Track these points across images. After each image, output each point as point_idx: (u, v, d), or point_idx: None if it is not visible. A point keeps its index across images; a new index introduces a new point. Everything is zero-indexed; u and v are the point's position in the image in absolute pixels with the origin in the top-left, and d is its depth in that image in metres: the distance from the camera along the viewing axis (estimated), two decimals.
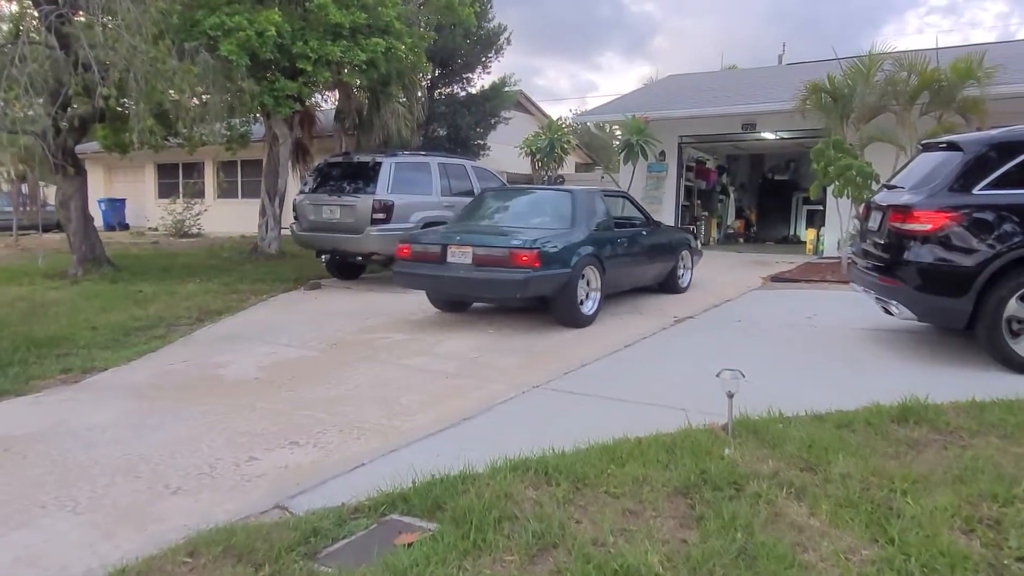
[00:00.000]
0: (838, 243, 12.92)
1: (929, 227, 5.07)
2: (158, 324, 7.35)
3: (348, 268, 10.50)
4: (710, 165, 18.13)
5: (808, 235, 14.54)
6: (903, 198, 5.36)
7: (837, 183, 9.96)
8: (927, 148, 6.02)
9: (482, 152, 17.21)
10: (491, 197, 8.71)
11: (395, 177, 9.40)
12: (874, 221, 5.91)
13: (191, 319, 7.71)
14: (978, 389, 4.59)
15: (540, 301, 7.13)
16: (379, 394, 4.92)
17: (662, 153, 15.41)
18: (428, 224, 9.67)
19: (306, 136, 14.07)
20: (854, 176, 9.73)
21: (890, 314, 5.49)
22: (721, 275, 11.44)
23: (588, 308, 7.19)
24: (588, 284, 7.22)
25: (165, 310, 8.06)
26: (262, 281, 10.16)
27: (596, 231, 7.54)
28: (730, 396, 3.85)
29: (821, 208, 16.67)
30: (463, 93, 16.62)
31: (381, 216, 9.12)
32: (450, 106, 16.32)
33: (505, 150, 18.89)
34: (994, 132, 5.16)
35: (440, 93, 16.61)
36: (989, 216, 4.92)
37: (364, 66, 9.92)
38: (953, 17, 79.20)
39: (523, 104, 22.09)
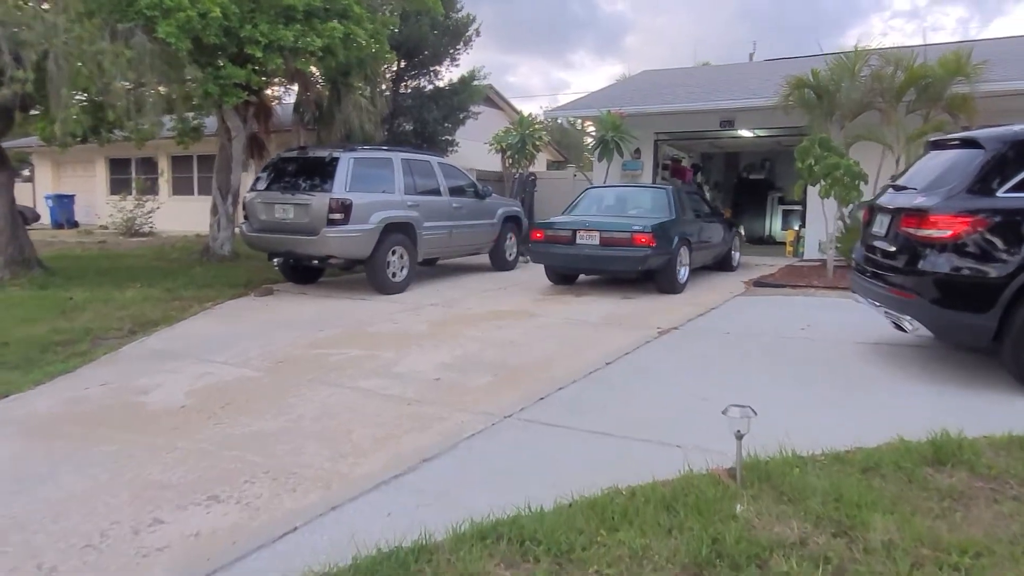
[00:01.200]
0: (819, 245, 12.49)
1: (949, 233, 4.52)
2: (83, 338, 6.53)
3: (304, 272, 9.73)
4: (685, 163, 17.66)
5: (788, 236, 14.09)
6: (916, 200, 4.80)
7: (823, 183, 9.46)
8: (937, 145, 5.48)
9: (450, 148, 16.49)
10: (594, 192, 10.84)
11: (354, 174, 8.65)
12: (880, 225, 5.36)
13: (122, 332, 6.89)
14: (1009, 419, 4.06)
15: (646, 274, 9.01)
16: (325, 427, 4.22)
17: (637, 150, 14.85)
18: (391, 226, 8.98)
19: (262, 130, 13.21)
20: (841, 176, 9.24)
21: (902, 330, 4.93)
22: (701, 278, 10.90)
23: (682, 278, 9.30)
24: (682, 261, 9.27)
25: (95, 321, 7.22)
26: (210, 286, 9.33)
27: (685, 219, 9.68)
28: (739, 437, 3.23)
29: (798, 208, 16.30)
30: (430, 86, 15.87)
31: (338, 216, 8.38)
32: (417, 100, 15.56)
33: (474, 146, 18.18)
34: (1018, 128, 4.62)
35: (406, 86, 15.84)
36: (1017, 221, 4.38)
37: (320, 53, 9.14)
38: (916, 21, 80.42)
39: (493, 99, 21.39)
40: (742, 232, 12.15)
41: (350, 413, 4.46)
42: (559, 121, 36.77)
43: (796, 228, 14.52)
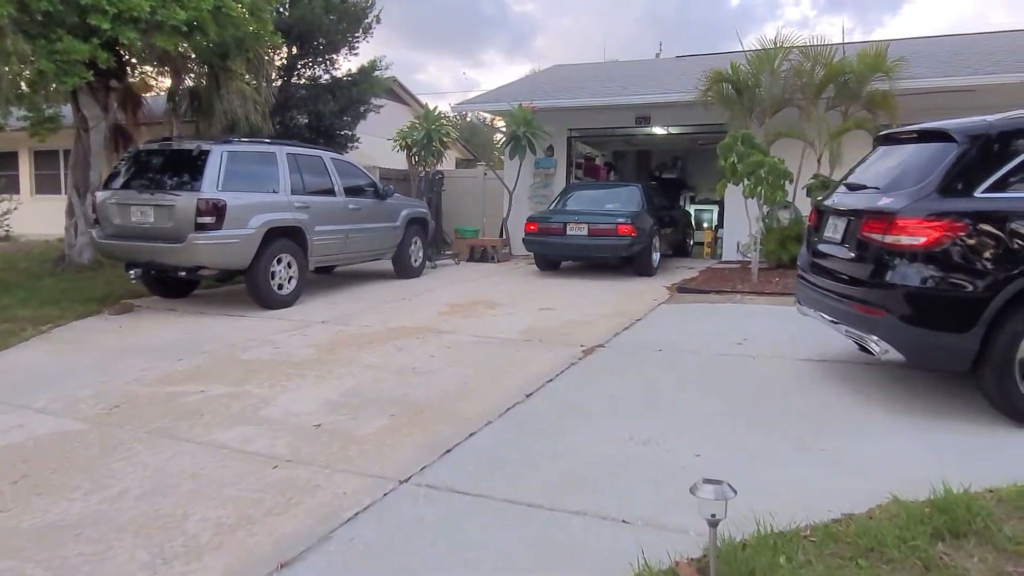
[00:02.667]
0: (738, 246, 12.10)
1: (921, 241, 3.87)
2: None
3: (173, 284, 8.36)
4: (599, 161, 17.10)
5: (705, 237, 13.68)
6: (881, 202, 4.14)
7: (747, 182, 8.94)
8: (890, 139, 4.88)
9: (350, 144, 15.21)
10: (576, 189, 12.49)
11: (228, 170, 7.40)
12: (834, 230, 4.70)
13: None
14: (1001, 458, 3.45)
15: (626, 260, 10.49)
16: (154, 509, 3.11)
17: (550, 148, 14.11)
18: (275, 230, 7.78)
19: (129, 120, 11.61)
20: (766, 175, 8.73)
21: (866, 351, 4.26)
22: (621, 282, 10.23)
23: (655, 261, 10.88)
24: (655, 247, 10.83)
25: None
26: (56, 303, 7.84)
27: (655, 212, 11.27)
28: (713, 525, 2.38)
29: (713, 207, 16.04)
30: (327, 76, 14.56)
31: (208, 220, 7.12)
32: (312, 91, 14.22)
33: (377, 143, 16.97)
34: (993, 118, 4.04)
35: (299, 75, 14.45)
36: (1001, 226, 3.76)
37: (186, 28, 7.80)
38: (806, 31, 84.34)
39: (397, 93, 20.18)
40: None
41: (193, 484, 3.36)
42: (468, 118, 35.84)
43: (713, 228, 14.17)
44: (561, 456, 3.68)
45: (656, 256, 10.91)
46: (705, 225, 15.77)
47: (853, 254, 4.36)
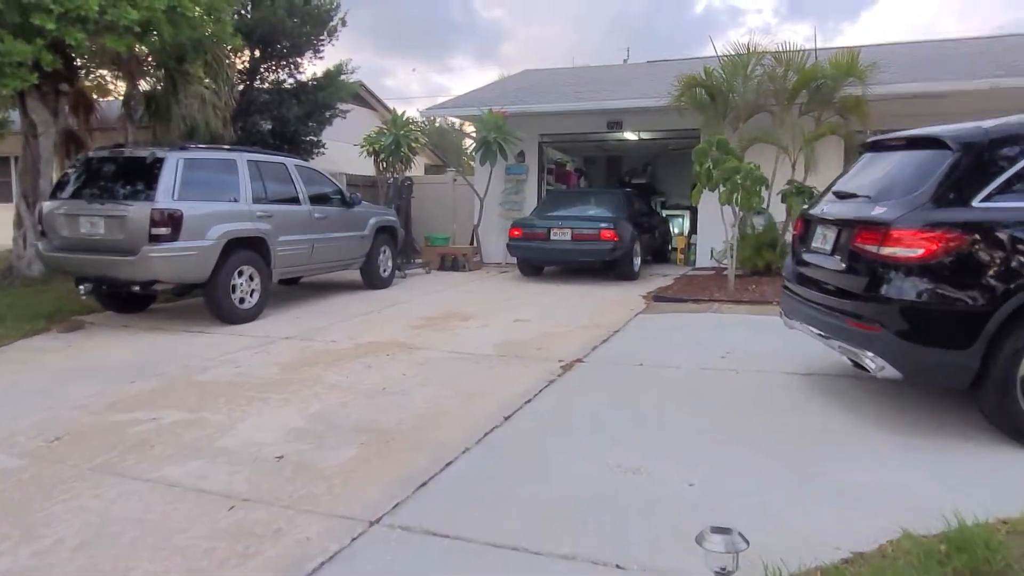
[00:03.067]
0: (712, 253, 11.99)
1: (919, 253, 3.69)
2: None
3: (128, 299, 7.92)
4: (570, 167, 16.93)
5: (678, 243, 13.56)
6: (874, 212, 3.96)
7: (723, 188, 8.79)
8: (878, 146, 4.73)
9: (316, 150, 14.83)
10: (559, 195, 13.08)
11: (185, 178, 7.01)
12: (823, 240, 4.51)
13: None
14: (1007, 480, 3.28)
15: (608, 264, 10.70)
16: (92, 565, 2.77)
17: (521, 154, 13.87)
18: (236, 241, 7.41)
19: (82, 126, 11.10)
20: (742, 181, 8.59)
21: (861, 369, 4.07)
22: (597, 290, 10.03)
23: (636, 266, 11.14)
24: (636, 252, 11.06)
25: None
26: (0, 320, 7.36)
27: (636, 217, 11.57)
28: None
29: (684, 213, 15.96)
30: (291, 81, 14.15)
31: (164, 231, 6.72)
32: (275, 96, 13.81)
33: (344, 149, 16.57)
34: (988, 124, 3.88)
35: (263, 80, 14.02)
36: (1000, 237, 3.60)
37: (139, 29, 7.39)
38: (769, 37, 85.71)
39: (364, 98, 19.80)
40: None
41: (138, 531, 3.02)
42: (437, 123, 35.50)
43: (685, 235, 14.06)
44: (545, 488, 3.41)
45: (638, 261, 11.18)
46: (676, 231, 15.67)
47: (844, 265, 4.17)
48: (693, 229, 13.70)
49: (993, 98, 9.55)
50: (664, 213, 17.47)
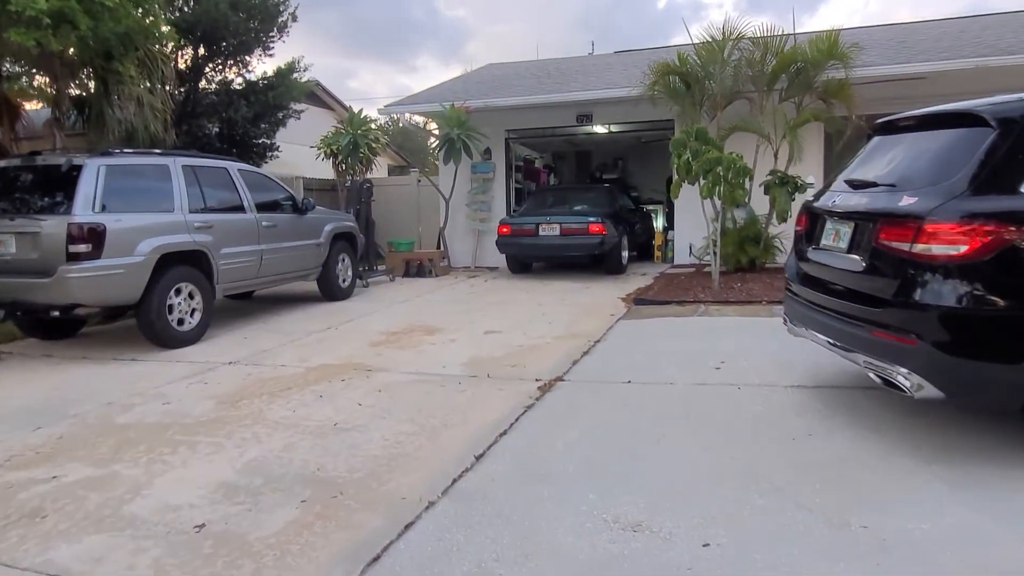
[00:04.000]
0: (691, 249, 11.45)
1: (963, 250, 3.10)
2: None
3: (55, 323, 7.08)
4: (539, 164, 16.30)
5: (656, 239, 13.00)
6: (902, 203, 3.36)
7: (703, 181, 8.22)
8: (891, 127, 4.13)
9: (270, 153, 13.98)
10: (545, 191, 13.64)
11: (107, 187, 6.22)
12: (835, 236, 3.92)
13: None
14: None
15: (596, 259, 10.82)
16: None
17: (487, 151, 13.20)
18: (171, 256, 6.64)
19: (6, 134, 10.14)
20: (724, 172, 8.02)
21: (891, 387, 3.46)
22: (573, 293, 9.41)
23: (624, 260, 11.28)
24: (624, 246, 11.18)
25: None
26: None
27: (623, 212, 11.87)
28: None
29: (657, 208, 15.43)
30: (240, 81, 13.29)
31: (83, 248, 5.93)
32: (223, 97, 12.93)
33: (301, 151, 15.73)
34: None
35: (209, 80, 13.14)
36: None
37: (50, 21, 6.55)
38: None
39: (321, 97, 18.92)
40: None
41: None
42: (401, 124, 34.57)
43: (661, 230, 13.53)
44: (530, 559, 2.74)
45: (625, 255, 11.33)
46: (662, 227, 15.16)
47: (865, 265, 3.58)
48: (670, 224, 13.15)
49: (977, 79, 9.14)
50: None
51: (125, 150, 7.03)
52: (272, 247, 8.07)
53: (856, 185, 3.90)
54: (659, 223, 14.84)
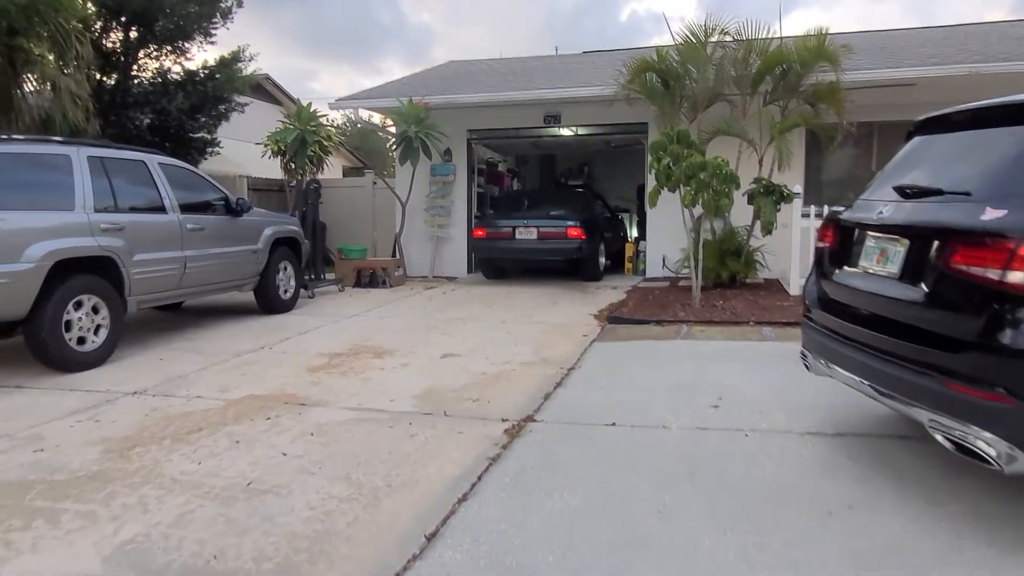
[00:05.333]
0: (664, 261, 10.73)
1: None
2: None
3: None
4: (502, 168, 15.48)
5: (626, 250, 12.25)
6: (988, 217, 2.59)
7: (686, 188, 7.47)
8: (941, 124, 3.38)
9: (210, 149, 12.83)
10: (519, 194, 13.69)
11: None
12: (883, 257, 3.14)
13: None
14: None
15: (573, 264, 10.62)
16: None
17: (448, 152, 12.30)
18: (67, 263, 5.59)
19: None
20: (708, 179, 7.29)
21: (973, 456, 2.67)
22: (540, 308, 8.57)
23: (601, 266, 11.09)
24: (601, 251, 11.07)
25: None
26: None
27: (600, 217, 11.58)
28: None
29: (626, 216, 14.75)
30: (178, 69, 12.15)
31: None
32: (158, 86, 11.78)
33: (247, 149, 14.60)
34: None
35: (143, 67, 11.97)
36: None
37: None
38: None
39: (271, 92, 17.79)
40: None
41: None
42: (360, 125, 33.30)
43: (632, 240, 12.80)
44: None
45: (602, 260, 11.13)
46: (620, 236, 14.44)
47: (930, 295, 2.80)
48: (641, 235, 12.43)
49: (967, 86, 8.61)
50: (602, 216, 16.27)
51: (15, 136, 5.95)
52: (199, 253, 7.04)
53: (910, 193, 3.12)
54: (628, 233, 14.16)
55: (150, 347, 6.64)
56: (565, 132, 12.59)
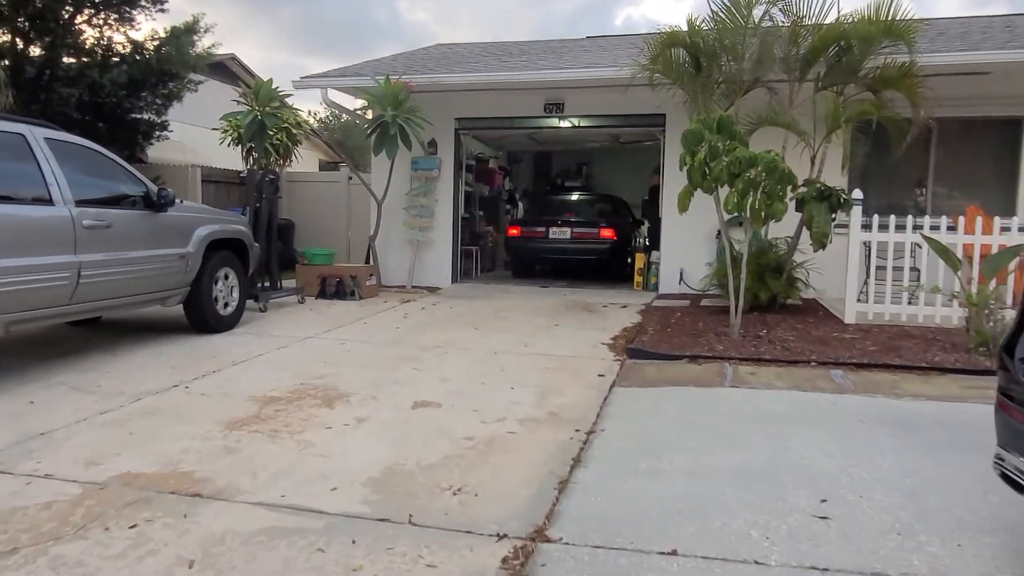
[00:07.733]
0: (681, 275, 9.21)
1: None
2: None
3: None
4: (493, 165, 13.90)
5: (637, 262, 10.69)
6: None
7: (731, 189, 5.93)
8: None
9: (158, 133, 11.14)
10: (553, 196, 14.07)
11: None
12: None
13: None
14: None
15: (602, 264, 11.21)
16: None
17: (432, 143, 10.70)
18: None
19: None
20: (760, 177, 5.74)
21: None
22: (540, 332, 7.01)
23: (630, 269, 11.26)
24: (628, 253, 11.48)
25: None
26: None
27: (625, 221, 12.29)
28: None
29: (636, 221, 13.26)
30: (121, 39, 10.47)
31: None
32: (96, 57, 10.09)
33: (205, 135, 12.90)
34: None
35: (77, 39, 10.25)
36: None
37: None
38: None
39: (236, 73, 16.05)
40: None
41: None
42: (344, 118, 31.57)
43: (644, 250, 11.29)
44: None
45: (630, 262, 11.17)
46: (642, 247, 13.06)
47: None
48: (653, 244, 10.91)
49: None
50: None
51: None
52: (101, 258, 5.40)
53: None
54: (638, 242, 12.71)
55: (27, 380, 5.00)
56: (568, 124, 11.02)
